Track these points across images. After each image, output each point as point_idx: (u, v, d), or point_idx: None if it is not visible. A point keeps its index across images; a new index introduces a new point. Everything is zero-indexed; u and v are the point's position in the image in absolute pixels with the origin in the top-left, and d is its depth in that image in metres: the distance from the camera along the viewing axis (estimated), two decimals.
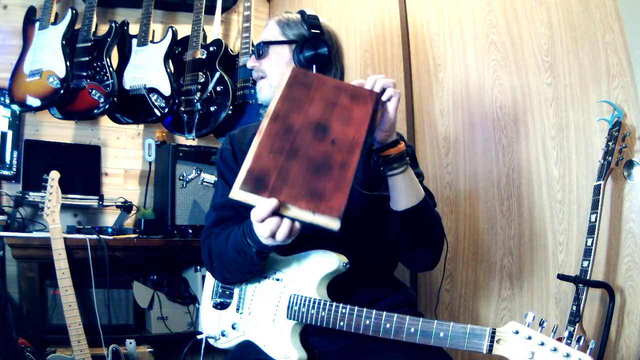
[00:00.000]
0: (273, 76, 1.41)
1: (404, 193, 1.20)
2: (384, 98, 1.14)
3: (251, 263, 1.20)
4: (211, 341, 1.37)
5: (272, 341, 1.23)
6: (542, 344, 0.89)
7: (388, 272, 1.43)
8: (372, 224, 1.34)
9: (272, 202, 0.96)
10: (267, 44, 1.42)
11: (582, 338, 0.90)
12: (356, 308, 1.11)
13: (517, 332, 0.92)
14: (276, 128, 1.04)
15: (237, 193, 0.97)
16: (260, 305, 1.28)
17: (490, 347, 0.93)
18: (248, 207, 1.04)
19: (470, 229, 1.95)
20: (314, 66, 1.38)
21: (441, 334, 0.99)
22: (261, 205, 0.97)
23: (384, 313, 1.07)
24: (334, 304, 1.15)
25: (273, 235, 1.01)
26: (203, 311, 1.43)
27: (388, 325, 1.06)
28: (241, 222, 1.31)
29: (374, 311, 1.08)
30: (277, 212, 0.97)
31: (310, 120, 1.06)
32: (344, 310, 1.13)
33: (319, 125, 1.06)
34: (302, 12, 1.43)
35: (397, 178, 1.18)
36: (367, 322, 1.09)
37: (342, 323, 1.12)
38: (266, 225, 0.99)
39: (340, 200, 0.97)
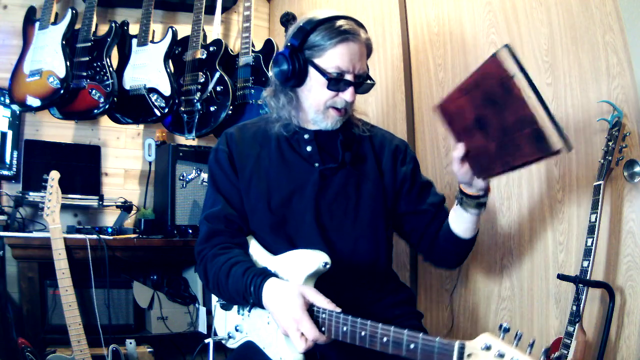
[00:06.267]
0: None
1: (470, 229, 1.33)
2: None
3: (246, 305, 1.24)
4: (223, 341, 1.38)
5: (271, 343, 1.23)
6: None
7: (390, 271, 1.43)
8: (382, 225, 1.35)
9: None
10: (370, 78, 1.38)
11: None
12: (334, 313, 1.06)
13: (488, 348, 0.82)
14: None
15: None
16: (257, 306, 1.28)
17: None
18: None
19: None
20: None
21: (411, 346, 0.91)
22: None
23: (358, 320, 1.01)
24: (319, 309, 1.09)
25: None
26: (216, 312, 1.42)
27: (363, 334, 1.00)
28: (232, 236, 1.30)
29: (350, 317, 1.03)
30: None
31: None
32: (323, 316, 1.08)
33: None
34: None
35: (474, 218, 1.30)
36: (344, 328, 1.03)
37: (322, 328, 1.08)
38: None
39: None
